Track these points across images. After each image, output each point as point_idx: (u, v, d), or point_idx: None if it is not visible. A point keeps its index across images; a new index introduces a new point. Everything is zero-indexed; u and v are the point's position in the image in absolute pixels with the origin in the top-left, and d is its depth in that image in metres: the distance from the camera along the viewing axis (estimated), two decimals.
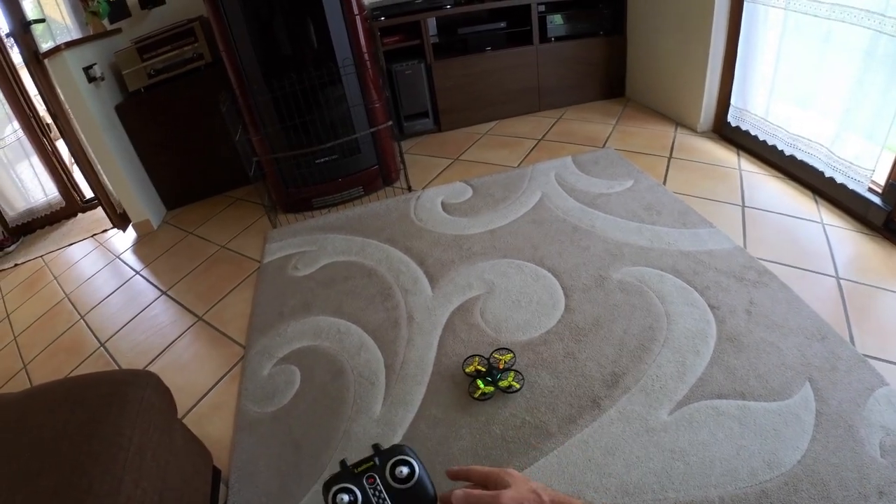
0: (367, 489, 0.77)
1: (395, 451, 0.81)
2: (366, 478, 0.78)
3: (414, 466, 0.79)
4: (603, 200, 3.02)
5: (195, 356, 2.57)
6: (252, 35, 3.04)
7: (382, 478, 0.78)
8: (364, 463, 0.79)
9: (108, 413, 1.35)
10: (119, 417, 1.35)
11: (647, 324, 2.14)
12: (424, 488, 0.79)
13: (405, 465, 0.78)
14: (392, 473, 0.78)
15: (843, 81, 2.61)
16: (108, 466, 1.23)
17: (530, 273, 2.55)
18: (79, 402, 1.41)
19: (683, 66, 3.75)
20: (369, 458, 0.80)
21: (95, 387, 1.47)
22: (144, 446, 1.35)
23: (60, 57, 3.37)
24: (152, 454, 1.37)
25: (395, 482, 0.78)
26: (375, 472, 0.78)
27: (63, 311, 3.22)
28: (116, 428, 1.32)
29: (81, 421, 1.33)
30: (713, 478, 1.56)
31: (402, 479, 0.78)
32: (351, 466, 0.80)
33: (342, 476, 0.78)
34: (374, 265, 2.83)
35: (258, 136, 3.32)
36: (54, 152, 4.64)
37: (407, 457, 0.80)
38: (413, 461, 0.79)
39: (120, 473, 1.23)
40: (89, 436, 1.29)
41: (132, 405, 1.40)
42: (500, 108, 4.54)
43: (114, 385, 1.46)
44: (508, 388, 1.94)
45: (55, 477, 1.20)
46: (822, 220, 2.68)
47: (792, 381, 1.82)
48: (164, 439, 1.48)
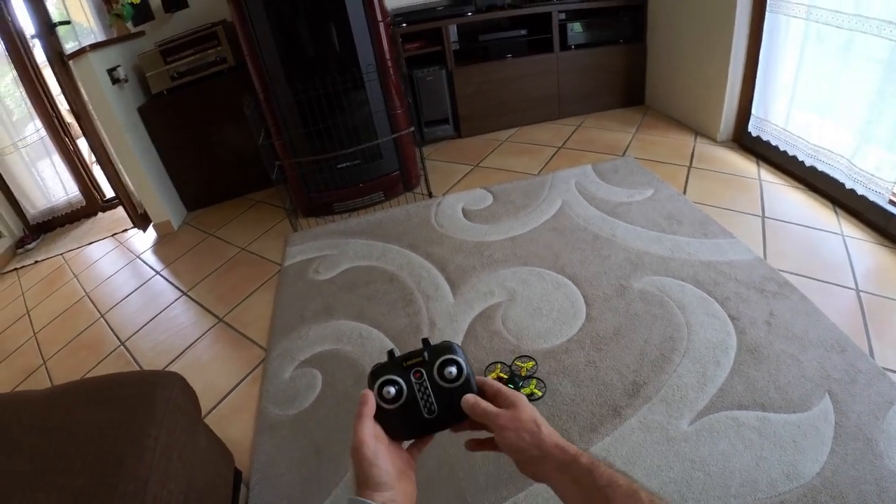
0: (413, 383, 0.77)
1: (445, 348, 0.80)
2: (413, 372, 0.78)
3: (462, 367, 0.79)
4: (623, 209, 3.02)
5: (216, 357, 2.59)
6: (276, 39, 3.06)
7: (430, 374, 0.78)
8: (413, 357, 0.79)
9: (134, 414, 1.37)
10: (145, 418, 1.36)
11: (667, 334, 2.15)
12: (469, 388, 0.79)
13: (453, 365, 0.78)
14: (441, 372, 0.78)
15: (863, 92, 2.60)
16: (135, 467, 1.23)
17: (551, 281, 2.56)
18: (105, 401, 1.42)
19: (704, 75, 3.75)
20: (419, 351, 0.80)
21: (121, 387, 1.48)
22: (171, 447, 1.36)
23: (85, 59, 3.41)
24: (178, 455, 1.38)
25: (441, 380, 0.78)
26: (424, 367, 0.78)
27: (83, 310, 3.25)
28: (143, 429, 1.33)
29: (107, 421, 1.35)
30: (733, 488, 1.57)
31: (450, 378, 0.78)
32: (400, 358, 0.79)
33: (390, 366, 0.78)
34: (396, 270, 2.84)
35: (281, 139, 3.35)
36: (76, 151, 4.67)
37: (456, 356, 0.79)
38: (462, 361, 0.79)
39: (146, 474, 1.24)
40: (115, 436, 1.30)
41: (159, 406, 1.41)
42: (521, 116, 4.54)
43: (140, 385, 1.48)
44: (530, 395, 1.95)
45: (81, 477, 1.21)
46: (843, 232, 2.66)
47: (811, 393, 1.82)
48: (190, 440, 1.49)
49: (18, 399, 1.58)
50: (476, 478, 1.73)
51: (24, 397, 1.56)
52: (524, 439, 0.74)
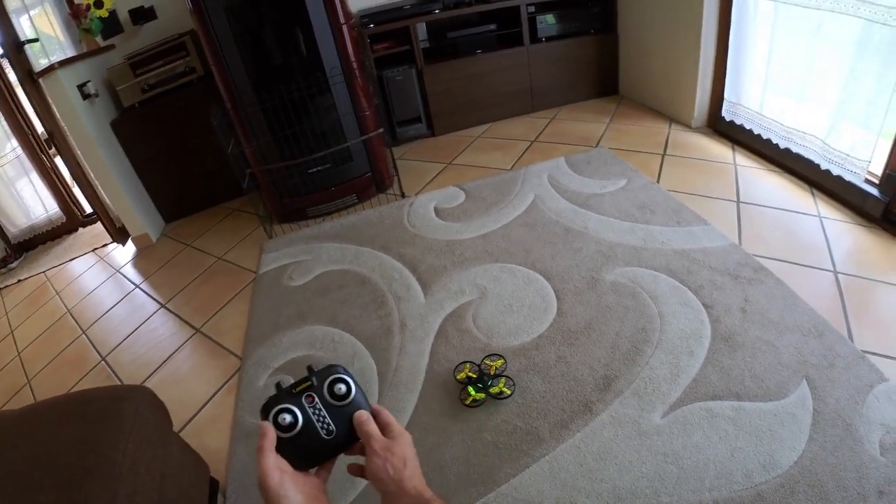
0: (306, 408, 0.78)
1: (331, 370, 0.82)
2: (304, 397, 0.79)
3: (350, 384, 0.81)
4: (596, 201, 3.01)
5: (193, 368, 2.58)
6: (240, 48, 3.04)
7: (321, 396, 0.79)
8: (302, 383, 0.80)
9: (103, 428, 1.37)
10: (114, 433, 1.36)
11: (639, 325, 2.13)
12: (360, 405, 0.81)
13: (342, 383, 0.80)
14: (331, 391, 0.79)
15: (836, 72, 2.59)
16: (103, 482, 1.24)
17: (522, 277, 2.54)
18: (76, 417, 1.43)
19: (675, 62, 3.73)
20: (306, 377, 0.81)
21: (91, 402, 1.48)
22: (138, 460, 1.36)
23: (54, 76, 3.37)
24: (146, 468, 1.38)
25: (333, 399, 0.79)
26: (313, 391, 0.79)
27: (65, 326, 3.24)
28: (111, 443, 1.33)
29: (78, 437, 1.35)
30: (707, 481, 1.55)
31: (340, 395, 0.79)
32: (289, 387, 0.80)
33: (281, 397, 0.79)
34: (368, 273, 2.83)
35: (250, 147, 3.32)
36: (53, 168, 4.65)
37: (343, 375, 0.81)
38: (349, 379, 0.81)
39: (114, 488, 1.24)
40: (84, 451, 1.30)
41: (126, 420, 1.41)
42: (493, 111, 4.53)
43: (109, 401, 1.48)
44: (499, 394, 1.93)
45: (53, 493, 1.21)
46: (819, 214, 2.65)
47: (788, 379, 1.80)
48: (159, 453, 1.49)
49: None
50: (446, 479, 1.72)
51: (1, 417, 1.56)
52: (387, 472, 0.75)
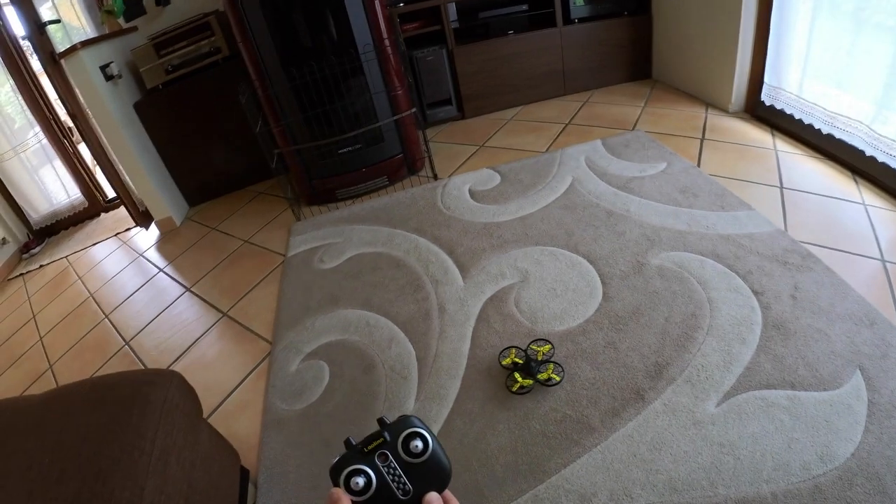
0: (380, 468, 0.71)
1: (405, 423, 0.74)
2: (377, 456, 0.71)
3: (427, 439, 0.73)
4: (636, 184, 2.94)
5: (221, 353, 2.54)
6: (270, 25, 2.99)
7: (395, 454, 0.72)
8: (374, 440, 0.73)
9: (129, 416, 1.31)
10: (141, 420, 1.31)
11: (689, 311, 2.06)
12: (440, 461, 0.73)
13: (419, 439, 0.72)
14: (406, 448, 0.72)
15: (881, 55, 2.51)
16: (130, 472, 1.19)
17: (565, 260, 2.48)
18: (100, 404, 1.37)
19: (712, 45, 3.65)
20: (377, 433, 0.73)
21: (116, 388, 1.43)
22: (168, 449, 1.31)
23: (77, 56, 3.35)
24: (176, 457, 1.33)
25: (409, 457, 0.72)
26: (387, 448, 0.72)
27: (88, 311, 3.22)
28: (138, 431, 1.28)
29: (102, 424, 1.30)
30: (765, 472, 1.49)
31: (416, 453, 0.72)
32: (359, 445, 0.73)
33: (352, 457, 0.72)
34: (402, 256, 2.78)
35: (279, 127, 3.28)
36: (76, 154, 4.66)
37: (419, 429, 0.73)
38: (425, 433, 0.73)
39: (142, 480, 1.19)
40: (110, 440, 1.25)
41: (154, 406, 1.36)
42: (525, 93, 4.48)
43: (135, 386, 1.42)
44: (548, 380, 1.87)
45: (76, 483, 1.16)
46: (864, 201, 2.58)
47: (842, 369, 1.74)
48: (189, 441, 1.44)
49: (16, 404, 1.53)
50: (493, 470, 1.66)
51: (22, 402, 1.51)
52: None
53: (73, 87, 3.50)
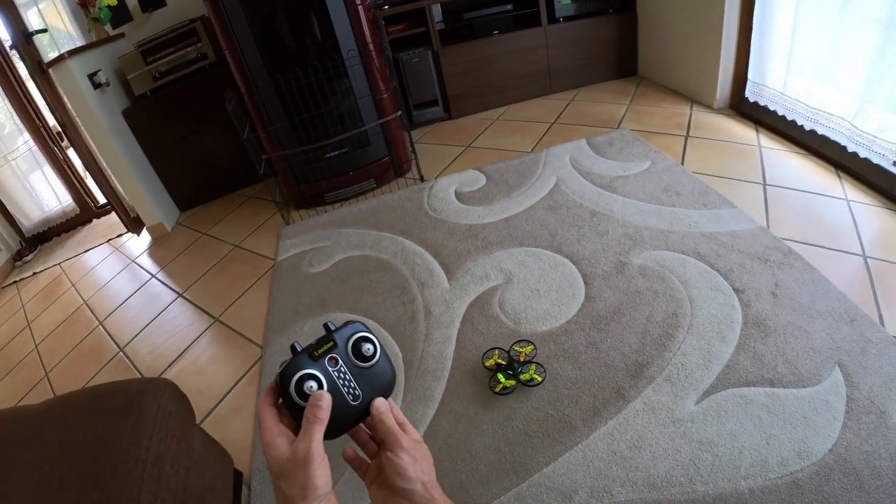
0: (331, 373, 0.69)
1: (352, 328, 0.73)
2: (328, 360, 0.70)
3: (376, 343, 0.73)
4: (620, 183, 2.96)
5: (213, 358, 2.56)
6: (254, 31, 3.00)
7: (346, 358, 0.71)
8: (323, 343, 0.71)
9: (124, 424, 1.35)
10: (136, 428, 1.34)
11: (670, 310, 2.09)
12: (386, 367, 0.73)
13: (368, 342, 0.72)
14: (356, 351, 0.71)
15: (863, 52, 2.52)
16: (126, 479, 1.22)
17: (548, 261, 2.51)
18: (96, 413, 1.41)
19: (697, 42, 3.66)
20: (326, 337, 0.72)
21: (112, 398, 1.46)
22: (163, 456, 1.34)
23: (64, 65, 3.35)
24: (171, 463, 1.36)
25: (359, 361, 0.71)
26: (336, 353, 0.71)
27: (82, 318, 3.23)
28: (134, 439, 1.31)
29: (98, 433, 1.34)
30: (743, 469, 1.52)
31: (367, 356, 0.71)
32: (308, 348, 0.71)
33: (302, 361, 0.69)
34: (390, 259, 2.80)
35: (266, 132, 3.30)
36: (66, 160, 4.65)
37: (367, 333, 0.72)
38: (373, 337, 0.73)
39: (138, 485, 1.22)
40: (107, 448, 1.29)
41: (148, 415, 1.39)
42: (511, 93, 4.49)
43: (129, 395, 1.45)
44: (530, 381, 1.90)
45: (75, 491, 1.20)
46: (847, 197, 2.59)
47: (821, 366, 1.76)
48: (183, 447, 1.47)
49: (16, 414, 1.57)
50: (477, 469, 1.69)
51: (22, 413, 1.55)
52: (417, 471, 0.70)
53: (62, 95, 3.50)
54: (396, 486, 0.69)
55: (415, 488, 0.69)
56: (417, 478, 0.69)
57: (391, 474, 0.70)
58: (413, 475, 0.69)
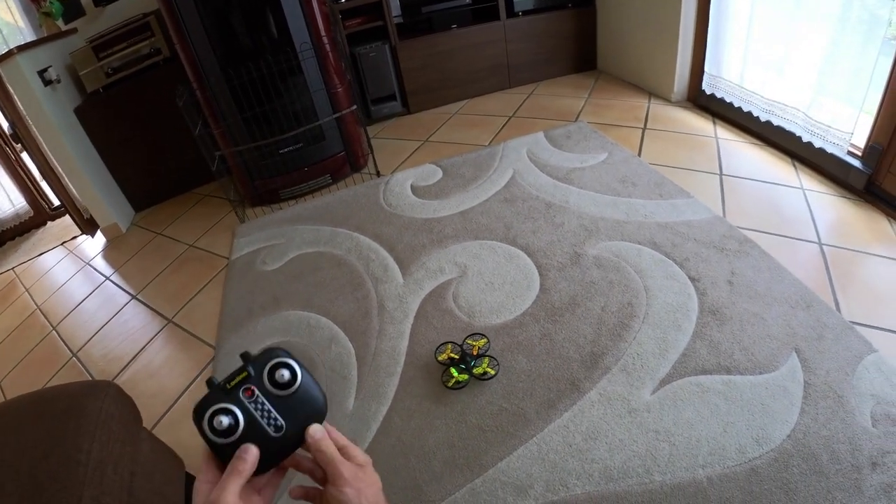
0: (246, 405, 0.66)
1: (269, 354, 0.70)
2: (242, 391, 0.66)
3: (294, 368, 0.68)
4: (577, 175, 2.96)
5: (166, 360, 2.51)
6: (206, 25, 2.94)
7: (262, 388, 0.67)
8: (236, 375, 0.67)
9: (65, 428, 1.32)
10: (77, 432, 1.31)
11: (625, 300, 2.08)
12: (311, 391, 0.69)
13: (284, 368, 0.68)
14: (272, 380, 0.68)
15: (817, 44, 2.56)
16: (66, 484, 1.19)
17: (503, 253, 2.49)
18: (38, 418, 1.38)
19: (654, 35, 3.69)
20: (241, 368, 0.68)
21: (54, 402, 1.43)
22: (105, 460, 1.30)
23: (13, 62, 3.25)
24: (114, 467, 1.32)
25: (277, 389, 0.68)
26: (252, 382, 0.67)
27: (35, 323, 3.14)
28: (74, 443, 1.28)
29: (40, 438, 1.31)
30: (700, 458, 1.51)
31: (283, 383, 0.68)
32: (222, 382, 0.67)
33: (214, 396, 0.66)
34: (344, 255, 2.76)
35: (219, 128, 3.24)
36: (18, 161, 4.53)
37: (284, 358, 0.69)
38: (292, 362, 0.69)
39: (79, 490, 1.19)
40: (47, 453, 1.26)
41: (90, 418, 1.35)
42: (470, 87, 4.49)
43: (72, 398, 1.42)
44: (483, 374, 1.88)
45: (14, 498, 1.17)
46: (802, 186, 2.63)
47: (778, 352, 1.77)
48: (128, 450, 1.42)
49: None
50: (431, 465, 1.66)
51: None
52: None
53: (11, 93, 3.40)
54: None
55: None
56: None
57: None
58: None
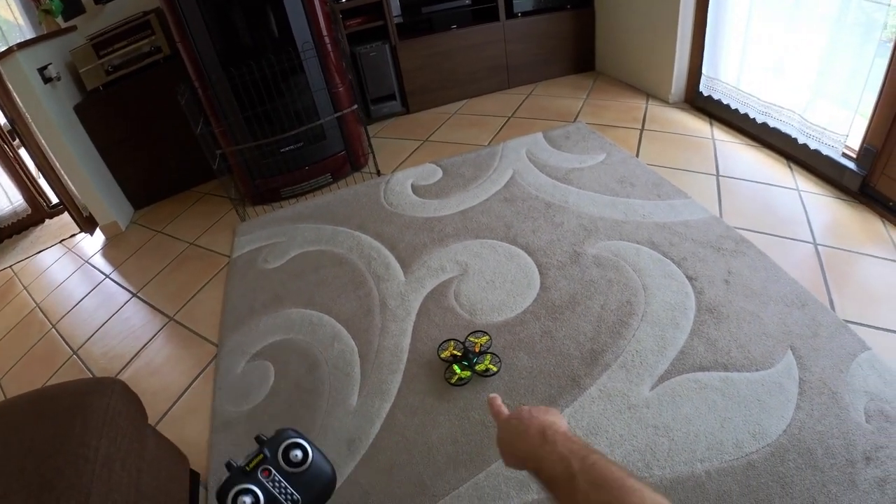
0: (265, 484, 0.73)
1: (281, 436, 0.79)
2: (260, 472, 0.74)
3: (306, 447, 0.77)
4: (576, 175, 2.99)
5: (168, 358, 2.51)
6: (208, 23, 2.95)
7: (277, 467, 0.75)
8: (254, 458, 0.75)
9: (72, 426, 1.31)
10: (84, 429, 1.30)
11: (624, 298, 2.11)
12: (322, 467, 0.76)
13: (297, 449, 0.76)
14: (286, 459, 0.74)
15: (814, 47, 2.59)
16: (75, 481, 1.18)
17: (504, 252, 2.51)
18: (42, 416, 1.37)
19: (652, 37, 3.71)
20: (257, 451, 0.76)
21: (58, 399, 1.42)
22: (112, 457, 1.30)
23: (13, 59, 3.25)
24: (122, 464, 1.32)
25: (291, 467, 0.74)
26: (268, 464, 0.75)
27: (34, 321, 3.14)
28: (82, 440, 1.27)
29: (45, 436, 1.29)
30: (699, 452, 1.54)
31: (297, 462, 0.74)
32: (240, 466, 0.75)
33: (235, 477, 0.74)
34: (345, 253, 2.77)
35: (220, 127, 3.24)
36: (17, 159, 4.53)
37: (296, 439, 0.76)
38: (303, 441, 0.77)
39: (87, 487, 1.18)
40: (54, 451, 1.25)
41: (97, 415, 1.35)
42: (469, 87, 4.50)
43: (77, 396, 1.42)
44: (485, 371, 1.90)
45: (22, 496, 1.15)
46: (798, 187, 2.66)
47: (774, 349, 1.80)
48: (135, 447, 1.43)
49: None
50: (435, 461, 1.68)
51: None
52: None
53: (11, 90, 3.41)
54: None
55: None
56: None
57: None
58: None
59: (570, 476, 0.71)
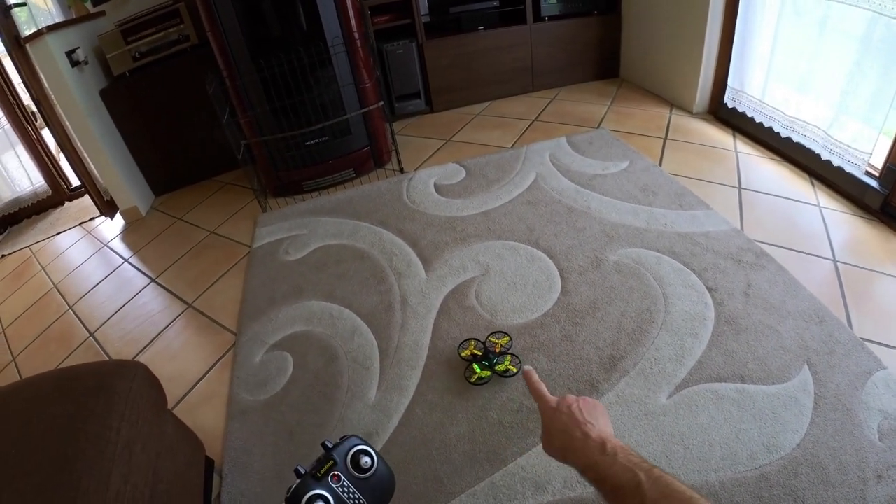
0: (335, 489, 0.75)
1: (349, 443, 0.80)
2: (331, 478, 0.75)
3: (372, 454, 0.79)
4: (598, 181, 2.99)
5: (186, 344, 2.53)
6: (239, 14, 2.97)
7: (347, 473, 0.77)
8: (324, 464, 0.77)
9: (94, 406, 1.31)
10: (106, 410, 1.31)
11: (644, 306, 2.11)
12: (384, 471, 0.78)
13: (366, 455, 0.78)
14: (355, 465, 0.76)
15: (841, 64, 2.58)
16: (95, 462, 1.18)
17: (526, 255, 2.52)
18: (65, 395, 1.37)
19: (679, 47, 3.71)
20: (326, 457, 0.78)
21: (81, 379, 1.42)
22: (133, 439, 1.31)
23: (42, 41, 3.29)
24: (142, 447, 1.33)
25: (359, 473, 0.76)
26: (338, 469, 0.77)
27: (51, 302, 3.16)
28: (103, 421, 1.27)
29: (67, 415, 1.29)
30: (713, 462, 1.54)
31: (366, 468, 0.76)
32: (311, 471, 0.77)
33: (306, 483, 0.75)
34: (367, 248, 2.79)
35: (246, 118, 3.26)
36: (39, 140, 4.57)
37: (363, 445, 0.78)
38: (370, 448, 0.78)
39: (108, 469, 1.18)
40: (75, 431, 1.25)
41: (119, 397, 1.36)
42: (494, 89, 4.50)
43: (100, 377, 1.42)
44: (505, 372, 1.91)
45: (42, 474, 1.15)
46: (819, 203, 2.66)
47: (790, 364, 1.80)
48: (154, 431, 1.44)
49: None
50: (451, 458, 1.69)
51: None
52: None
53: (38, 72, 3.43)
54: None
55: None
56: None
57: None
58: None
59: (637, 485, 0.77)
